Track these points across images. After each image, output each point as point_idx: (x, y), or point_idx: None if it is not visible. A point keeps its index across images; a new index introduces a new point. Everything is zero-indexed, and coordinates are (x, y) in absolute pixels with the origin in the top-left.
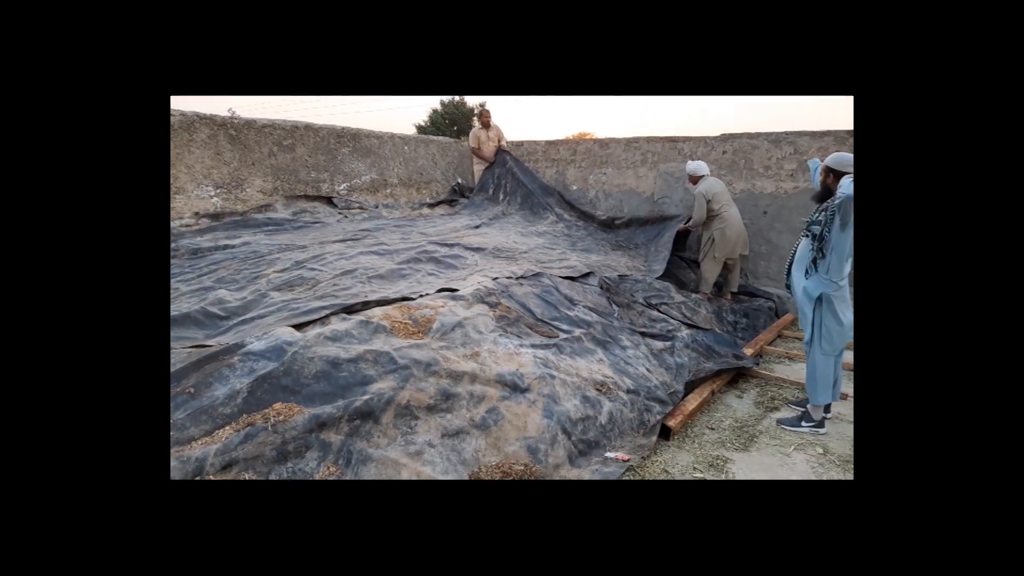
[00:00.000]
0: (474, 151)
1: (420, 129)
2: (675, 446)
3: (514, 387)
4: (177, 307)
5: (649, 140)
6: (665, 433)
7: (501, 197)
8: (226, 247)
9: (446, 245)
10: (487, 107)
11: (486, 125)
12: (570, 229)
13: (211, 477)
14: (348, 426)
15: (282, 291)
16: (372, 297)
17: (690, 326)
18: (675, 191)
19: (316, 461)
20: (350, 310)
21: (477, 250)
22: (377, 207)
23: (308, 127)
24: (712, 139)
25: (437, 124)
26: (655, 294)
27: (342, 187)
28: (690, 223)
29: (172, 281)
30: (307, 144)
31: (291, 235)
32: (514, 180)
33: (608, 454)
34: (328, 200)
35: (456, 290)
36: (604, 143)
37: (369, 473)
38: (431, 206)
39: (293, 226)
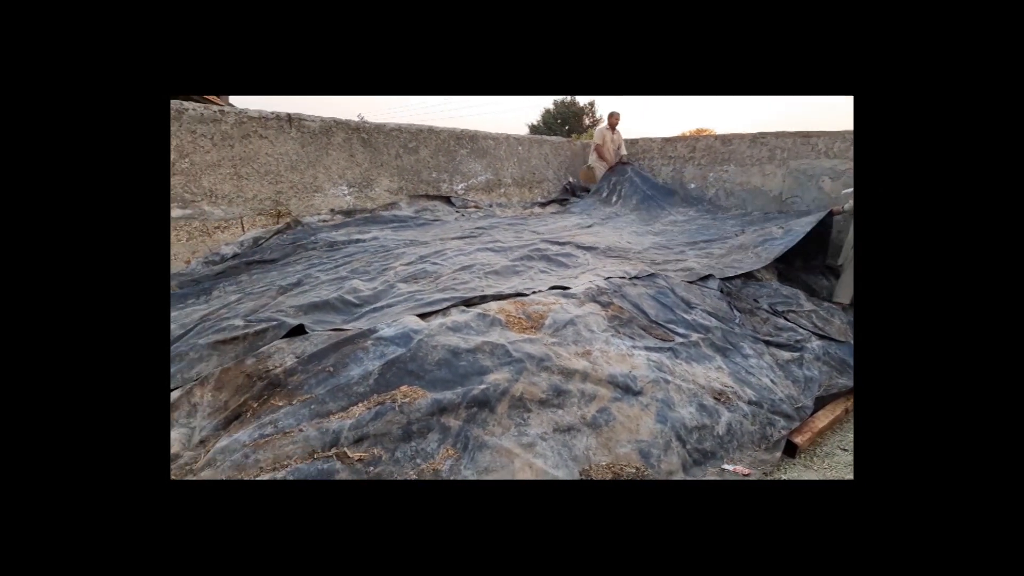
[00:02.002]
0: (597, 148)
1: (532, 129)
2: (801, 464)
3: (626, 389)
4: (317, 294)
5: (778, 135)
6: (791, 450)
7: (614, 200)
8: (358, 241)
9: (558, 243)
10: (616, 111)
11: (612, 127)
12: (689, 228)
13: (346, 449)
14: (466, 412)
15: (408, 283)
16: (488, 292)
17: (822, 337)
18: (807, 190)
19: (436, 443)
20: (468, 303)
21: (589, 249)
22: (491, 206)
23: (431, 130)
24: (851, 133)
25: (549, 124)
26: (782, 300)
27: (460, 187)
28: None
29: (312, 270)
30: (429, 146)
31: (414, 231)
32: (631, 186)
33: (726, 466)
34: (447, 199)
35: (568, 288)
36: (726, 139)
37: (484, 460)
38: (542, 205)
39: (415, 223)
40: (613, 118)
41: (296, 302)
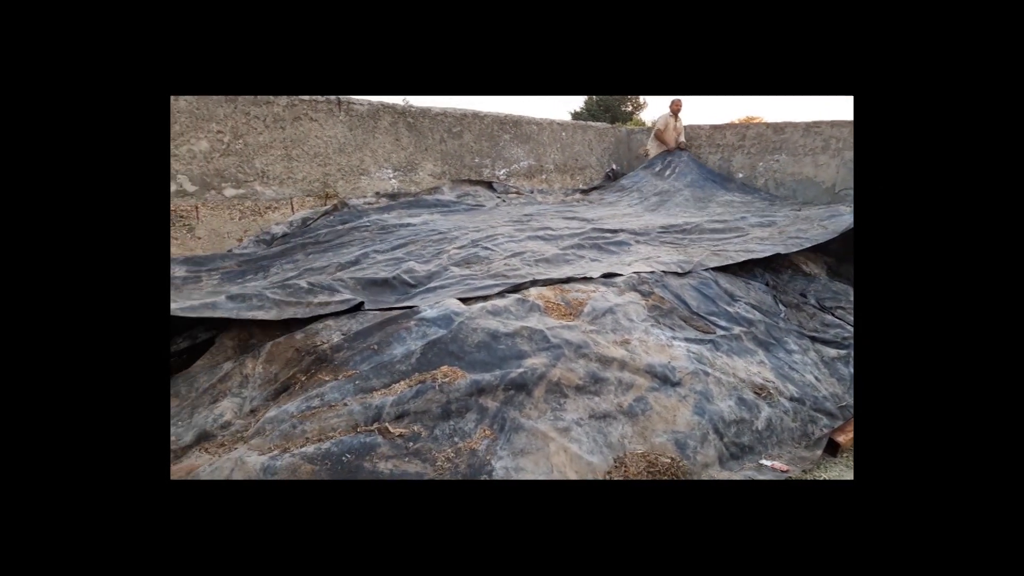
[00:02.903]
0: (658, 134)
1: (575, 116)
2: (843, 464)
3: (664, 379)
4: (375, 272)
5: (833, 124)
6: (832, 449)
7: (667, 174)
8: (409, 225)
9: (609, 231)
10: (679, 97)
11: (675, 113)
12: (748, 209)
13: (388, 424)
14: (503, 395)
15: (461, 267)
16: (540, 278)
17: None
18: None
19: (474, 423)
20: (517, 289)
21: (641, 234)
22: (532, 192)
23: (475, 115)
24: None
25: (592, 110)
26: (831, 296)
27: (501, 172)
28: None
29: (367, 250)
30: (473, 131)
31: (462, 216)
32: (685, 167)
33: (764, 462)
34: (488, 185)
35: (620, 275)
36: (779, 127)
37: (520, 442)
38: (584, 192)
39: (462, 208)
40: (676, 104)
41: (356, 276)
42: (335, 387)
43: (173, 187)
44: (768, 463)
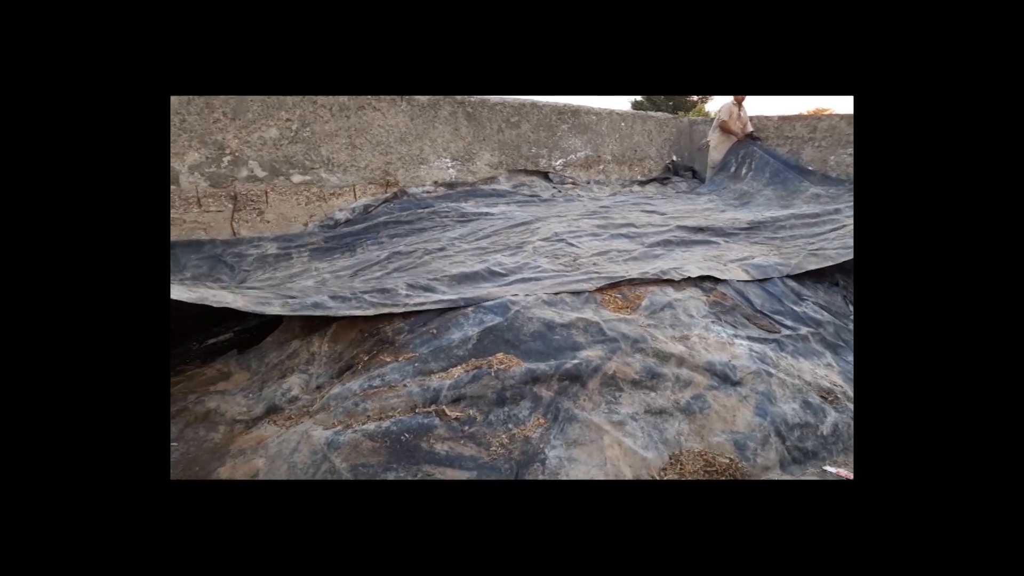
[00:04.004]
0: (722, 125)
1: (635, 105)
2: None
3: (724, 378)
4: (463, 260)
5: None
6: None
7: (744, 172)
8: (487, 214)
9: (695, 229)
10: None
11: (739, 103)
12: (839, 206)
13: (444, 407)
14: (558, 385)
15: (548, 259)
16: (631, 275)
17: None
18: None
19: (528, 410)
20: (615, 286)
21: (730, 235)
22: (589, 183)
23: (534, 104)
24: None
25: (654, 99)
26: None
27: (558, 163)
28: None
29: (450, 234)
30: (531, 121)
31: (538, 208)
32: (761, 160)
33: (828, 468)
34: (545, 175)
35: (716, 279)
36: (853, 119)
37: (574, 432)
38: (642, 183)
39: (514, 199)
40: (739, 97)
41: (447, 271)
42: (395, 368)
43: (244, 172)
44: (833, 470)
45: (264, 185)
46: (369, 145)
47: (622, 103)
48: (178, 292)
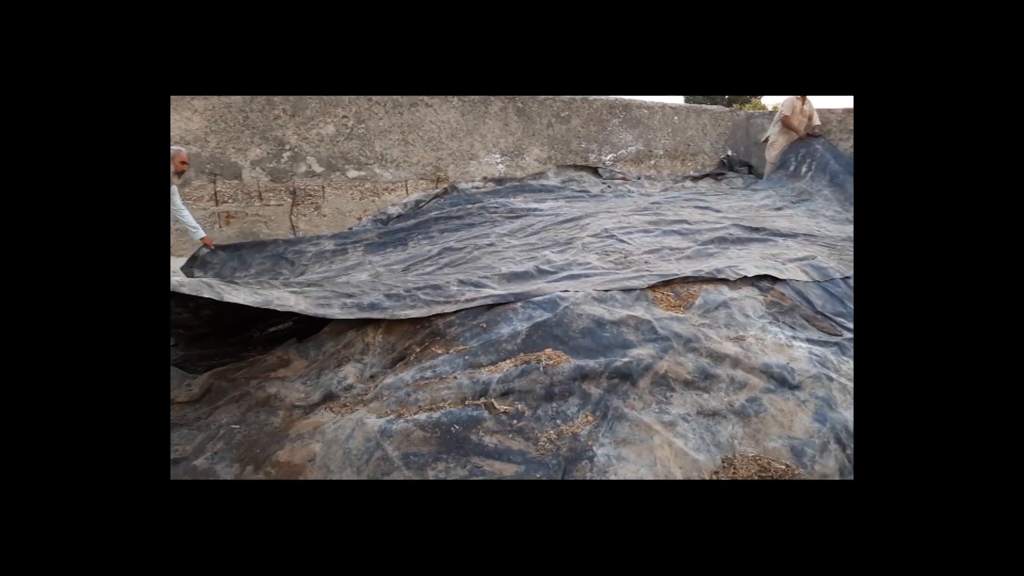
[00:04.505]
0: (784, 120)
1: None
2: None
3: (781, 381)
4: (512, 257)
5: None
6: None
7: (804, 171)
8: (535, 210)
9: (751, 228)
10: None
11: (803, 97)
12: None
13: (493, 400)
14: (607, 383)
15: (598, 256)
16: (685, 273)
17: None
18: None
19: (576, 407)
20: (668, 284)
21: (787, 236)
22: (639, 178)
23: (584, 99)
24: None
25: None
26: None
27: (608, 157)
28: None
29: (499, 230)
30: (581, 115)
31: (587, 203)
32: (822, 160)
33: None
34: (594, 170)
35: (774, 278)
36: None
37: (623, 431)
38: (695, 179)
39: (562, 194)
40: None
41: (497, 267)
42: (446, 360)
43: (303, 168)
44: None
45: (321, 180)
46: (421, 141)
47: (673, 96)
48: (244, 296)
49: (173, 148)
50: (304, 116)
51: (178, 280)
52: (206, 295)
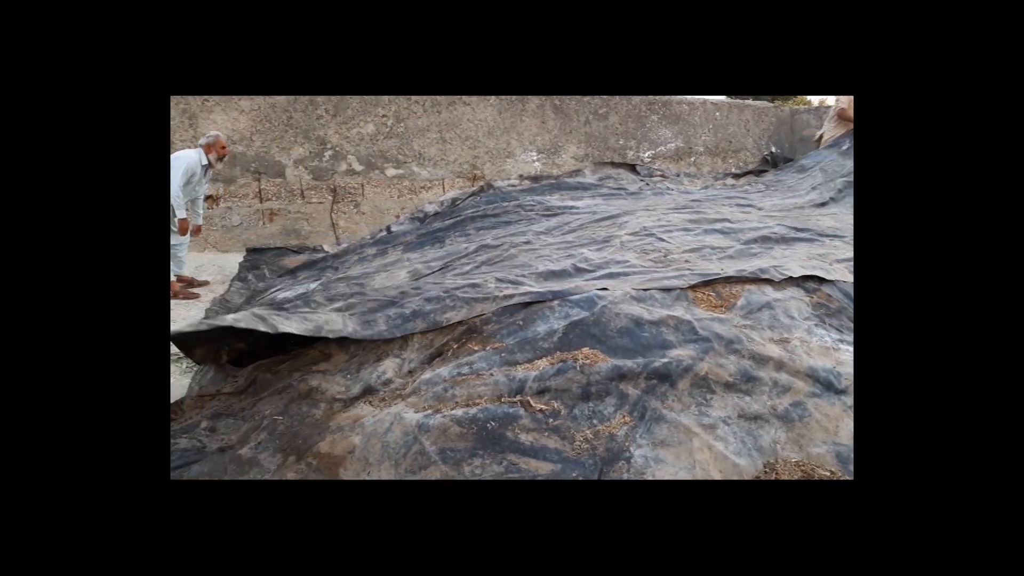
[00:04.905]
0: (841, 113)
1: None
2: None
3: (827, 385)
4: (549, 255)
5: None
6: None
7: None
8: (572, 208)
9: (796, 228)
10: None
11: None
12: None
13: (530, 398)
14: (645, 383)
15: (637, 254)
16: (728, 272)
17: None
18: None
19: (613, 408)
20: (709, 284)
21: (834, 236)
22: (679, 176)
23: (623, 96)
24: None
25: None
26: None
27: (646, 155)
28: None
29: (536, 228)
30: (619, 112)
31: (624, 201)
32: None
33: None
34: (632, 167)
35: (821, 279)
36: None
37: (661, 432)
38: (736, 176)
39: (599, 192)
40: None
41: (534, 266)
42: (483, 357)
43: (343, 167)
44: None
45: (361, 178)
46: (458, 139)
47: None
48: (296, 325)
49: (212, 133)
50: (345, 116)
51: (233, 317)
52: (262, 328)
